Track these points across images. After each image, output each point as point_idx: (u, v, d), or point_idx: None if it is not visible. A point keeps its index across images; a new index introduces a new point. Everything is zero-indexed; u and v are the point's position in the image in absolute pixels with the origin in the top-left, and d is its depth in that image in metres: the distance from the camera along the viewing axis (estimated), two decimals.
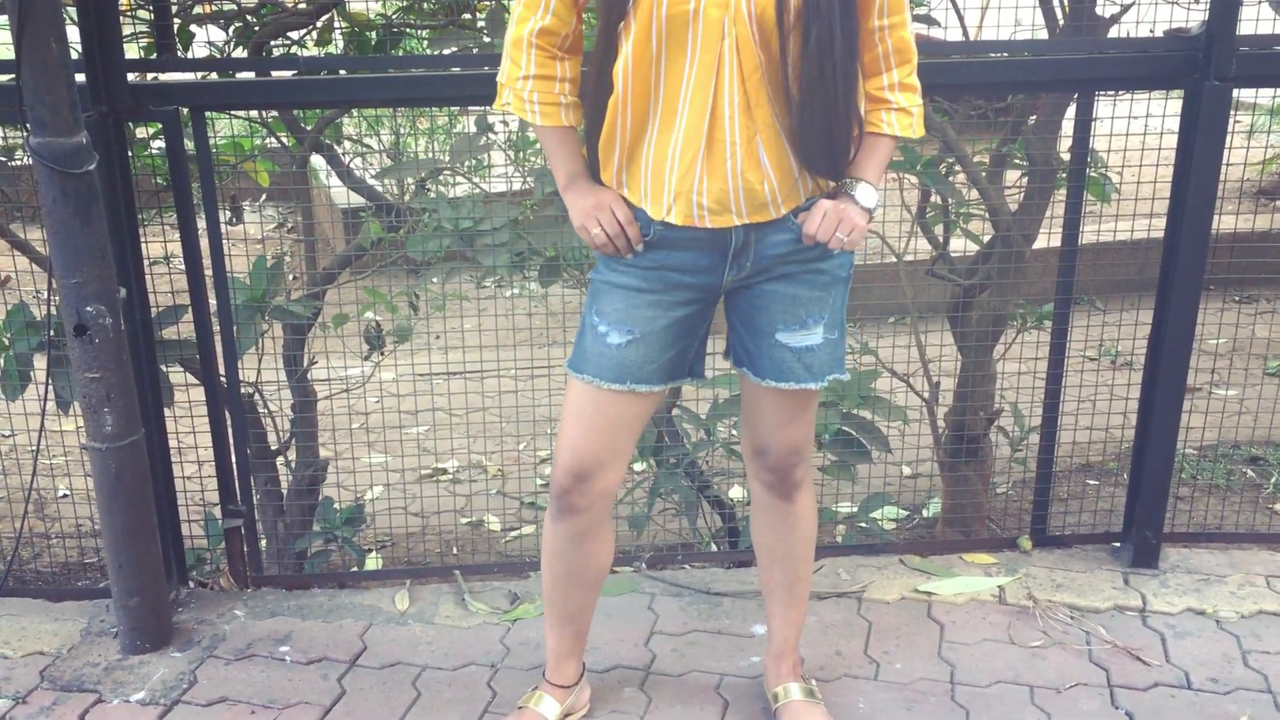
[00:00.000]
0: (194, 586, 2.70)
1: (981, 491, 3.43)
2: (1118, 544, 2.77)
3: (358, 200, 3.91)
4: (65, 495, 3.86)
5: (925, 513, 3.65)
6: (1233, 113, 2.54)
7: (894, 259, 3.25)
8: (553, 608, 2.15)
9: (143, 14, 2.79)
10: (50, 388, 2.63)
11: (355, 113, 3.60)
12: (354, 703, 2.29)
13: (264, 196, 6.38)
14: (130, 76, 2.37)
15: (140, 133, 3.07)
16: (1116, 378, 3.61)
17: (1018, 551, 2.78)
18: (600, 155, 1.89)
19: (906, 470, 3.99)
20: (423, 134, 3.83)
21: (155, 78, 2.53)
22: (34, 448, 2.62)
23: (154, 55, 2.54)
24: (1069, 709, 2.24)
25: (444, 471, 4.27)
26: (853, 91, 1.81)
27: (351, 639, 2.49)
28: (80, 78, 2.25)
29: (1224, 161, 2.52)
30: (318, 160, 3.97)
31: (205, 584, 2.71)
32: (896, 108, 1.89)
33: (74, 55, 2.19)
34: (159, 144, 2.88)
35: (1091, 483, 3.96)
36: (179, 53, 2.60)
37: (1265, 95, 6.62)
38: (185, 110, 2.39)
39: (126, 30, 2.73)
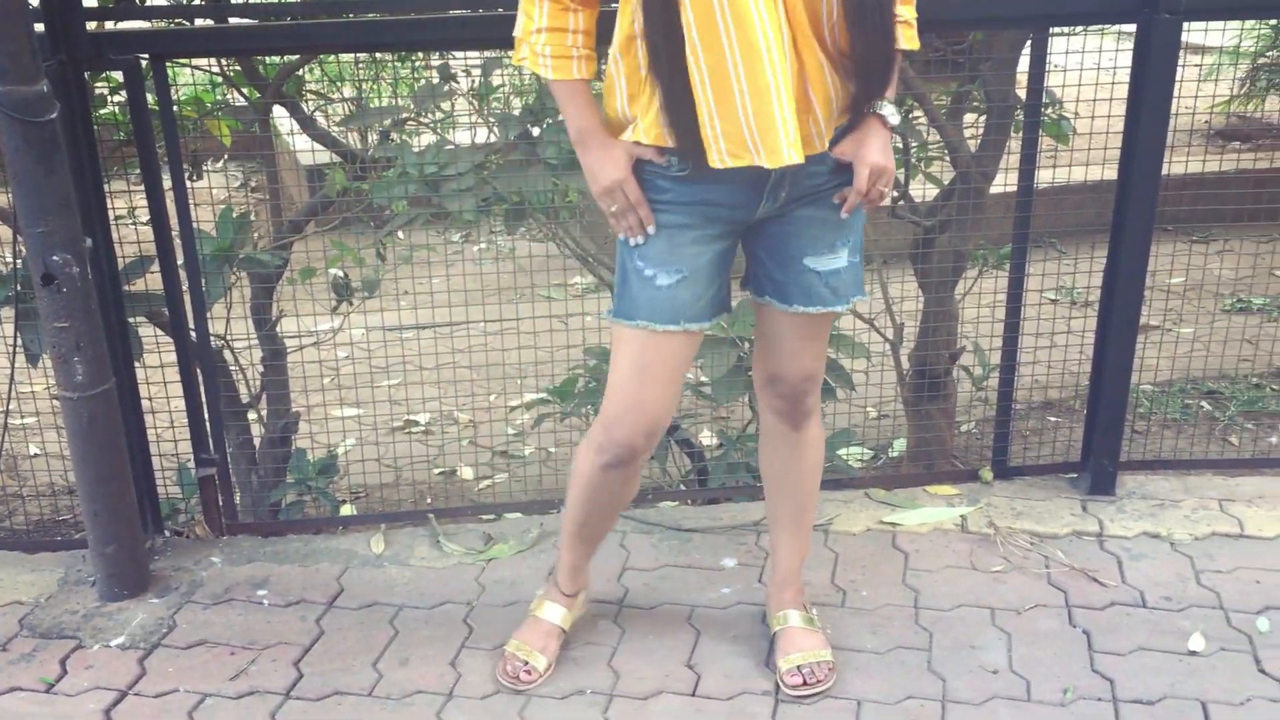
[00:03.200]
0: (170, 535, 2.73)
1: (945, 428, 3.50)
2: (1075, 474, 2.84)
3: (322, 158, 3.91)
4: (37, 454, 3.87)
5: (891, 452, 3.72)
6: (1184, 54, 2.59)
7: None
8: (582, 532, 2.20)
9: None
10: (19, 341, 2.64)
11: (318, 67, 3.59)
12: (332, 642, 2.33)
13: (225, 156, 6.34)
14: (90, 26, 2.36)
15: (99, 90, 3.07)
16: (1077, 317, 3.68)
17: (979, 483, 2.85)
18: (690, 106, 1.78)
19: (873, 412, 4.05)
20: (386, 86, 3.85)
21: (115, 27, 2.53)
22: (4, 404, 2.64)
23: (112, 4, 2.53)
24: (1028, 629, 2.31)
25: (416, 423, 4.30)
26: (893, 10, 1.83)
27: (328, 582, 2.53)
28: (39, 27, 2.24)
29: (1176, 97, 2.57)
30: (281, 117, 3.95)
31: (181, 533, 2.74)
32: (902, 20, 1.87)
33: (32, 4, 2.19)
34: (120, 97, 2.88)
35: (1053, 419, 4.05)
36: (138, 2, 2.59)
37: (1221, 40, 6.70)
38: (146, 60, 2.38)
39: None
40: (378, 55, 3.38)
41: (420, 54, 3.35)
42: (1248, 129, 6.40)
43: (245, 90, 3.31)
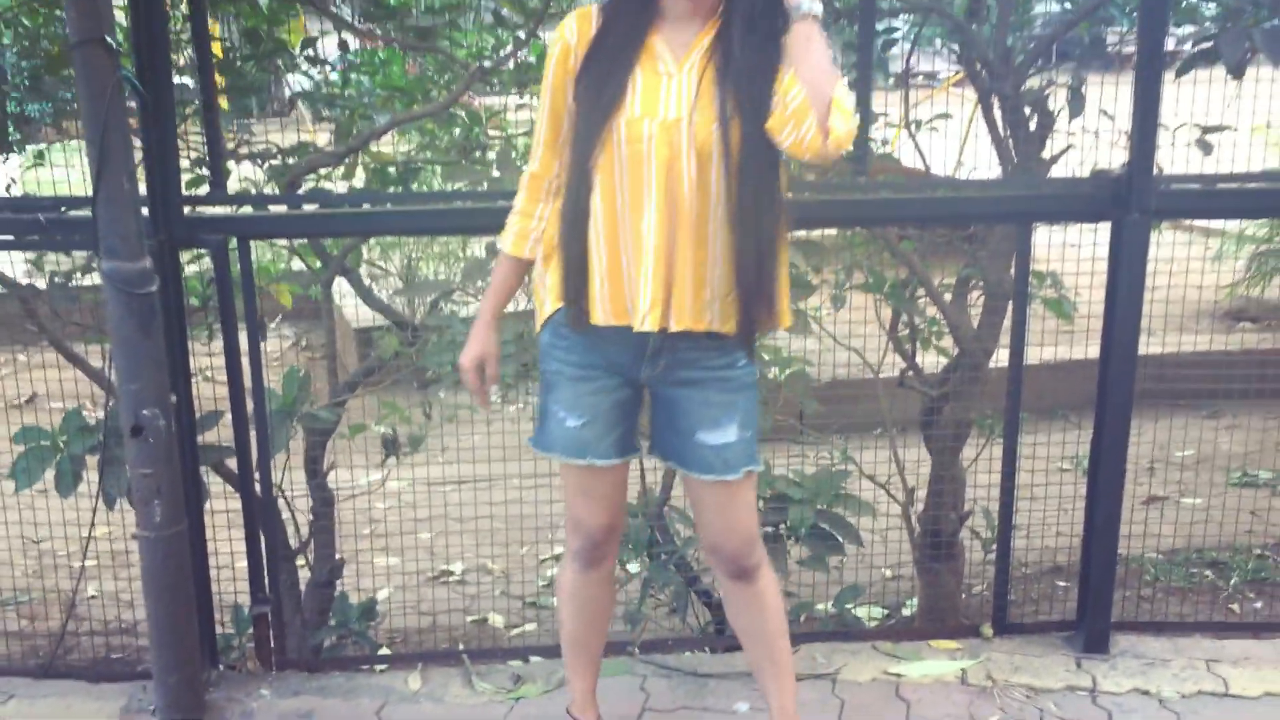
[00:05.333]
0: (223, 669, 2.93)
1: (954, 586, 3.68)
2: (1071, 633, 3.01)
3: (367, 320, 4.23)
4: (94, 596, 4.11)
5: (904, 611, 3.88)
6: (1191, 235, 2.86)
7: (871, 375, 3.56)
8: (574, 645, 2.48)
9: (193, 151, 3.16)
10: (100, 486, 2.91)
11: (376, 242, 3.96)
12: None
13: (279, 317, 6.74)
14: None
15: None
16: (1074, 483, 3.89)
17: (980, 639, 3.02)
18: (585, 272, 2.15)
19: (889, 573, 4.23)
20: (436, 257, 4.21)
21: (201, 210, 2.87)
22: (83, 540, 2.89)
23: (204, 190, 2.88)
24: None
25: (450, 573, 4.51)
26: (777, 219, 2.14)
27: (368, 715, 2.73)
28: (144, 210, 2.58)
29: (1186, 272, 2.84)
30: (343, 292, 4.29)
31: (234, 667, 2.95)
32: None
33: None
34: (192, 267, 3.22)
35: (1062, 584, 4.20)
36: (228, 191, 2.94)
37: (1224, 225, 7.04)
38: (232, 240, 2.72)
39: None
40: None
41: None
42: (1255, 310, 6.66)
43: (308, 261, 3.67)
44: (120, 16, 2.55)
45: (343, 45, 3.90)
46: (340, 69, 4.08)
